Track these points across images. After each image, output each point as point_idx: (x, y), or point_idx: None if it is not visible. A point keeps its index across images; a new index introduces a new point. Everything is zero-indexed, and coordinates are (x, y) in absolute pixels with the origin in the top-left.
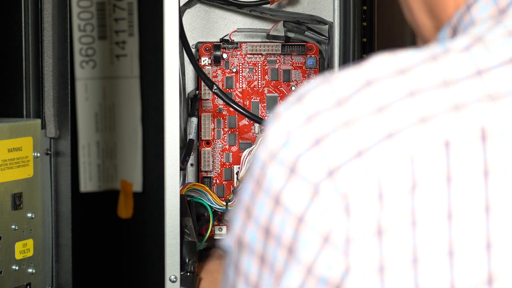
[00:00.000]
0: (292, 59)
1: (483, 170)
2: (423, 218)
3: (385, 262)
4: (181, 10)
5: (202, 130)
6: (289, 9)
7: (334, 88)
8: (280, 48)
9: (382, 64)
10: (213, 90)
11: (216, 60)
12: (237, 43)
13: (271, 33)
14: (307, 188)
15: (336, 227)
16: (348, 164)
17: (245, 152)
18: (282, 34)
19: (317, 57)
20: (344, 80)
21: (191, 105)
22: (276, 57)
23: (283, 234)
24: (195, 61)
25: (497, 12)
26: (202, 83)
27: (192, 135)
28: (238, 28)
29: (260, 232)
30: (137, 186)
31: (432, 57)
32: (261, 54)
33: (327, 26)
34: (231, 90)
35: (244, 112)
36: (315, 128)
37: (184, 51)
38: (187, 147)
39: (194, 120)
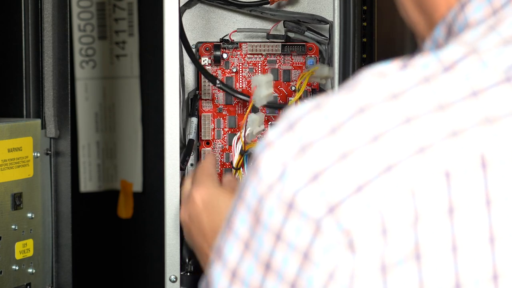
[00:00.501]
0: (292, 59)
1: (485, 199)
2: (427, 252)
3: None
4: (181, 10)
5: (202, 130)
6: (289, 9)
7: (326, 115)
8: (280, 48)
9: (374, 87)
10: (217, 85)
11: (216, 60)
12: (237, 43)
13: (271, 33)
14: (308, 225)
15: (341, 264)
16: (348, 200)
17: (234, 138)
18: (283, 33)
19: (317, 57)
20: (335, 106)
21: (191, 105)
22: (276, 57)
23: (286, 270)
24: (195, 59)
25: (491, 12)
26: (202, 84)
27: (192, 135)
28: (238, 28)
29: (259, 266)
30: (137, 186)
31: (425, 79)
32: (261, 54)
33: (327, 26)
34: None
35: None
36: (311, 161)
37: (184, 50)
38: (187, 147)
39: (194, 120)
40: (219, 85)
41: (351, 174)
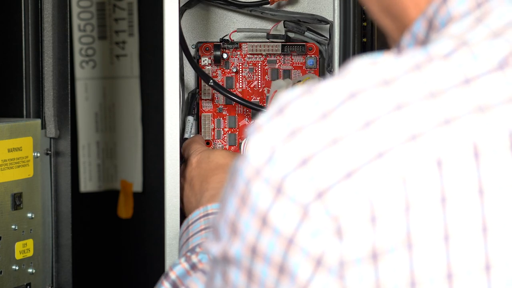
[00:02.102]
0: (292, 59)
1: (478, 189)
2: (419, 241)
3: (382, 285)
4: (181, 10)
5: (202, 130)
6: (289, 9)
7: (317, 100)
8: (280, 48)
9: (365, 74)
10: (209, 84)
11: (216, 60)
12: (237, 43)
13: (271, 32)
14: (296, 210)
15: (328, 250)
16: (337, 186)
17: (244, 139)
18: (283, 33)
19: (317, 57)
20: (326, 91)
21: (189, 103)
22: (276, 57)
23: (272, 254)
24: (190, 57)
25: (475, 5)
26: (202, 84)
27: (187, 134)
28: (238, 28)
29: (246, 250)
30: (137, 186)
31: (416, 66)
32: (261, 54)
33: (327, 26)
34: (231, 90)
35: (243, 102)
36: (300, 145)
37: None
38: (180, 146)
39: (190, 119)
40: (211, 84)
41: (341, 159)
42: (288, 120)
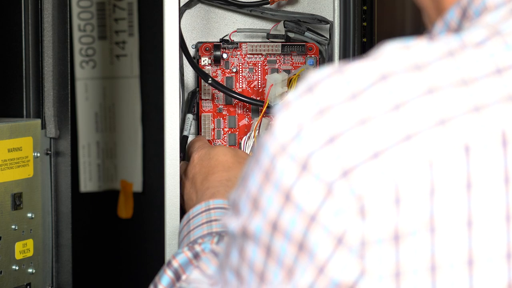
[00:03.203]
0: (292, 59)
1: (504, 177)
2: (442, 225)
3: (402, 268)
4: (181, 10)
5: (202, 130)
6: (289, 8)
7: (347, 80)
8: (280, 48)
9: (397, 57)
10: (208, 82)
11: (216, 60)
12: (237, 43)
13: (271, 32)
14: (320, 187)
15: (350, 229)
16: (364, 165)
17: (245, 138)
18: (283, 33)
19: (317, 57)
20: (358, 72)
21: (189, 101)
22: (276, 57)
23: (293, 231)
24: (189, 56)
25: None
26: (202, 83)
27: (186, 132)
28: (238, 28)
29: (267, 225)
30: (137, 186)
31: (450, 53)
32: (261, 54)
33: (327, 26)
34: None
35: (243, 98)
36: (328, 124)
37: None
38: (180, 145)
39: (190, 116)
40: (210, 82)
41: (369, 140)
42: (318, 99)
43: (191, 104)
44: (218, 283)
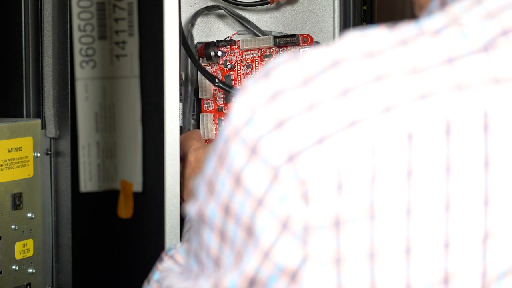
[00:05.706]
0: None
1: (446, 166)
2: (381, 212)
3: (342, 255)
4: (199, 13)
5: (204, 130)
6: (289, 8)
7: (301, 66)
8: (271, 40)
9: (352, 44)
10: (216, 84)
11: (208, 58)
12: (231, 40)
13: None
14: (267, 172)
15: (294, 214)
16: (308, 150)
17: None
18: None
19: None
20: (312, 58)
21: (185, 92)
22: (272, 51)
23: (242, 215)
24: (194, 58)
25: None
26: (202, 83)
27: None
28: (238, 31)
29: (220, 209)
30: (137, 186)
31: (403, 41)
32: (257, 49)
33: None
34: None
35: None
36: (278, 109)
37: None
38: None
39: (179, 105)
40: (217, 84)
41: (315, 125)
42: (272, 84)
43: (180, 92)
44: (185, 271)
